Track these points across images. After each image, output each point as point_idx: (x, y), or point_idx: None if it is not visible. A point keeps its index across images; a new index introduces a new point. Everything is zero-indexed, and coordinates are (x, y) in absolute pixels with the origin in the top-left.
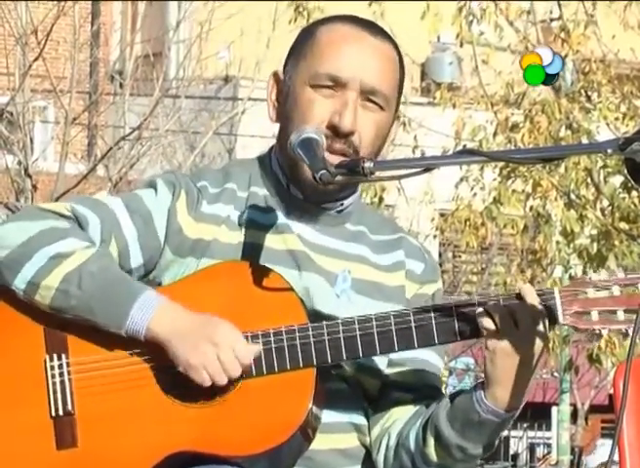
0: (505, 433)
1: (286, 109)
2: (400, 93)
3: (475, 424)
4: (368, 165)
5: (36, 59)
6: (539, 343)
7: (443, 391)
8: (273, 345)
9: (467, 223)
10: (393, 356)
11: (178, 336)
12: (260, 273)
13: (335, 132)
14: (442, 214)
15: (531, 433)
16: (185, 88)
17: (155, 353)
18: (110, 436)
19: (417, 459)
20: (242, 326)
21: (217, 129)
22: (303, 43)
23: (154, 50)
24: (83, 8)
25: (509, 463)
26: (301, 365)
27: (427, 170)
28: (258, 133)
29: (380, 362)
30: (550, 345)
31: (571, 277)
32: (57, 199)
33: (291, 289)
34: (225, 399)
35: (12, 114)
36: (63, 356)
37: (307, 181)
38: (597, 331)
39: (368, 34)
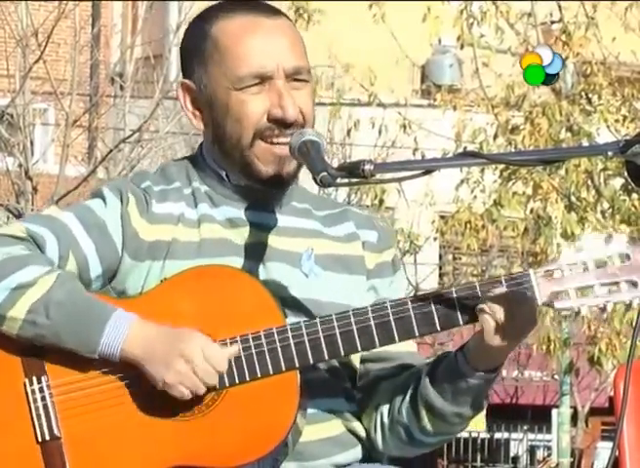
0: (506, 435)
1: (214, 116)
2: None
3: (465, 390)
4: (368, 167)
5: (37, 62)
6: (526, 323)
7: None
8: (254, 350)
9: (468, 226)
10: None
11: (150, 357)
12: (230, 276)
13: (280, 123)
14: (442, 217)
15: (531, 435)
16: None
17: (135, 369)
18: (99, 457)
19: (414, 432)
20: (220, 332)
21: None
22: (203, 48)
23: (155, 52)
24: (83, 10)
25: (510, 465)
26: (284, 368)
27: (428, 172)
28: None
29: None
30: (551, 348)
31: None
32: (57, 201)
33: (264, 290)
34: (210, 409)
35: (12, 116)
36: (43, 378)
37: (266, 178)
38: (576, 309)
39: (264, 17)
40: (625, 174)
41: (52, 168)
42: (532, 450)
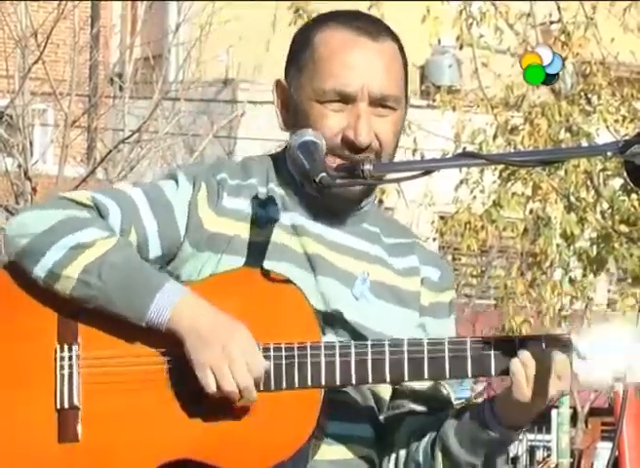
0: None
1: (296, 122)
2: (407, 79)
3: (484, 442)
4: (367, 167)
5: (36, 62)
6: (556, 386)
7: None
8: (284, 361)
9: (467, 226)
10: None
11: (195, 333)
12: (278, 283)
13: (351, 146)
14: (442, 217)
15: (530, 436)
16: (185, 91)
17: (168, 352)
18: (113, 435)
19: None
20: (255, 337)
21: (216, 131)
22: (301, 53)
23: (154, 52)
24: (82, 11)
25: (509, 466)
26: (310, 384)
27: (427, 172)
28: (257, 135)
29: None
30: None
31: (571, 280)
32: None
33: (307, 303)
34: (232, 410)
35: (11, 117)
36: (74, 348)
37: (334, 193)
38: (610, 384)
39: (366, 39)
40: (625, 174)
41: (51, 168)
42: (531, 451)
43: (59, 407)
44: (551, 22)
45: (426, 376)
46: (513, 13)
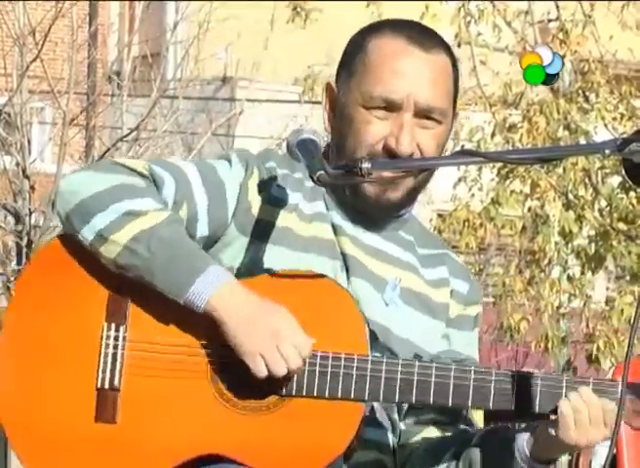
0: None
1: (340, 125)
2: (456, 94)
3: None
4: (365, 165)
5: (34, 60)
6: (602, 433)
7: (475, 419)
8: (330, 369)
9: (466, 224)
10: None
11: (237, 320)
12: (335, 293)
13: (392, 155)
14: (440, 215)
15: None
16: (183, 89)
17: (215, 344)
18: (150, 421)
19: None
20: None
21: (214, 130)
22: (354, 57)
23: (152, 50)
24: (81, 9)
25: None
26: (352, 397)
27: (425, 170)
28: (255, 133)
29: None
30: (549, 345)
31: (569, 278)
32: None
33: (360, 317)
34: (269, 412)
35: (9, 115)
36: (122, 328)
37: (366, 196)
38: None
39: (419, 49)
40: (623, 172)
41: (49, 167)
42: None
43: (99, 386)
44: (549, 20)
45: (470, 404)
46: (511, 11)
